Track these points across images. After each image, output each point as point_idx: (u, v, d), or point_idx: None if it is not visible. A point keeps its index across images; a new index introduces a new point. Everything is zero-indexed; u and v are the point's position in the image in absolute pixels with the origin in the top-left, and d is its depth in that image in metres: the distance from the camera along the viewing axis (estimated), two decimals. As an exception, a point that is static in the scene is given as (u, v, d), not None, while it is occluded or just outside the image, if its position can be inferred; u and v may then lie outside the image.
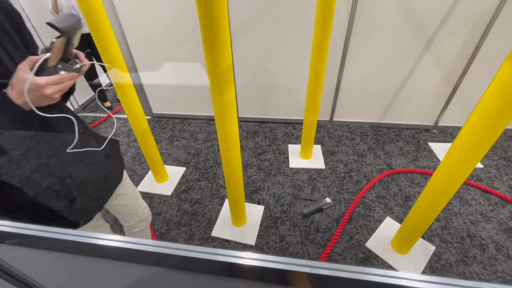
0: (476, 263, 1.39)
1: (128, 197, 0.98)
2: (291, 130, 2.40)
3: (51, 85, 0.53)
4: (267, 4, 1.84)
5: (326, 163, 2.03)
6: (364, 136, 2.28)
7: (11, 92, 0.52)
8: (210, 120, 2.59)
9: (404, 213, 1.64)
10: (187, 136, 2.39)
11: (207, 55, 0.89)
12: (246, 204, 1.63)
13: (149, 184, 1.92)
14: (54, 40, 0.53)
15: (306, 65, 1.71)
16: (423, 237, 1.50)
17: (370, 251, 1.47)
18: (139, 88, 2.47)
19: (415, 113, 2.27)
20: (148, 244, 0.31)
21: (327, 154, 2.11)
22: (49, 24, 0.51)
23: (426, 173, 1.90)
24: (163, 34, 2.09)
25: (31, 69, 0.52)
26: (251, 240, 1.54)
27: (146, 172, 2.01)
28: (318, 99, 1.69)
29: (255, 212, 1.69)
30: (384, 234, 1.53)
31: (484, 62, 1.90)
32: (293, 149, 2.17)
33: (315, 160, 2.06)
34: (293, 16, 1.86)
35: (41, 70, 0.54)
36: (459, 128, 2.24)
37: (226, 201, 1.76)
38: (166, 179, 1.94)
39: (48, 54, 0.54)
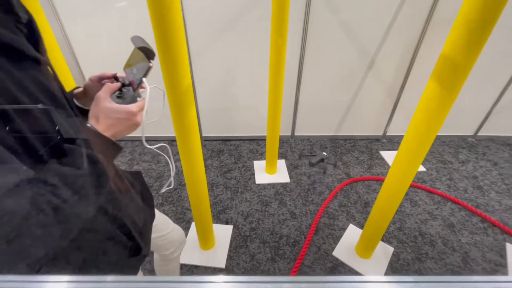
0: (429, 259, 1.52)
1: (161, 226, 0.91)
2: (255, 146, 2.44)
3: (141, 112, 0.49)
4: (225, 27, 1.92)
5: (290, 177, 2.09)
6: (324, 149, 2.42)
7: (99, 126, 0.45)
8: (172, 140, 2.52)
9: (365, 219, 1.75)
10: (148, 159, 2.28)
11: (165, 77, 0.89)
12: (214, 225, 1.58)
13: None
14: (150, 64, 0.50)
15: (266, 83, 1.79)
16: (382, 240, 1.61)
17: (337, 259, 1.52)
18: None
19: (366, 125, 2.50)
20: (105, 281, 0.29)
21: (291, 168, 2.18)
22: (142, 48, 0.47)
23: (380, 179, 2.07)
24: (117, 56, 2.02)
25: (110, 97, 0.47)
26: (221, 263, 1.49)
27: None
28: (279, 115, 1.77)
29: (223, 233, 1.65)
30: (348, 241, 1.61)
31: (417, 78, 2.19)
32: (259, 165, 2.20)
33: (280, 174, 2.11)
34: (250, 38, 1.96)
35: (118, 97, 0.50)
36: (403, 136, 2.50)
37: (193, 224, 1.70)
38: (126, 207, 1.81)
39: (126, 81, 0.51)
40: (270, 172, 2.11)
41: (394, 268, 1.49)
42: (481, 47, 0.80)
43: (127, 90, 0.52)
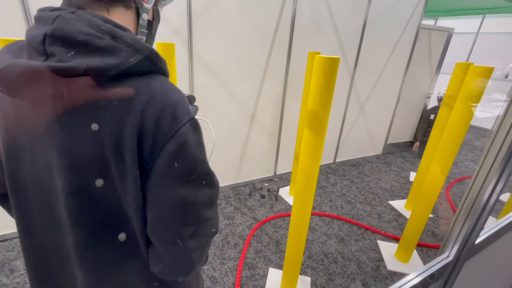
0: (336, 276, 1.75)
1: None
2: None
3: None
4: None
5: (202, 237, 1.97)
6: (228, 199, 2.47)
7: None
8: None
9: (281, 258, 1.85)
10: None
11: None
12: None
13: None
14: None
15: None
16: (300, 273, 1.73)
17: (267, 310, 1.49)
18: None
19: (260, 168, 2.78)
20: None
21: (200, 228, 2.06)
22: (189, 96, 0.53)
23: (283, 215, 2.28)
24: None
25: None
26: None
27: None
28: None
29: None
30: (273, 286, 1.63)
31: (288, 124, 2.71)
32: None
33: (190, 238, 1.95)
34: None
35: None
36: (290, 172, 2.94)
37: None
38: None
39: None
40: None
41: (315, 296, 1.60)
42: (330, 105, 1.12)
43: None
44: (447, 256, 0.56)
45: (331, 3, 2.45)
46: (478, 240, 0.62)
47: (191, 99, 0.60)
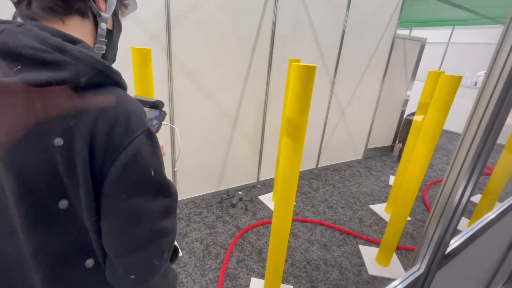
0: (319, 283, 1.74)
1: None
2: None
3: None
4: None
5: (182, 248, 1.90)
6: (210, 207, 2.41)
7: None
8: None
9: (263, 267, 1.81)
10: None
11: None
12: None
13: None
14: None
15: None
16: (282, 281, 1.70)
17: (249, 323, 1.45)
18: None
19: (243, 175, 2.74)
20: None
21: (180, 238, 2.00)
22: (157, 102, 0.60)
23: (265, 222, 2.26)
24: None
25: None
26: None
27: None
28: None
29: None
30: (254, 297, 1.59)
31: (271, 130, 2.70)
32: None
33: (169, 249, 1.87)
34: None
35: None
36: (273, 178, 2.93)
37: None
38: None
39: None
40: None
41: (298, 305, 1.58)
42: (307, 112, 1.12)
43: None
44: (419, 268, 0.56)
45: (310, 11, 2.50)
46: (448, 250, 0.62)
47: (159, 104, 0.60)
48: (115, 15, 0.50)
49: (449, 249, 0.61)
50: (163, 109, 0.61)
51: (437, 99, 1.50)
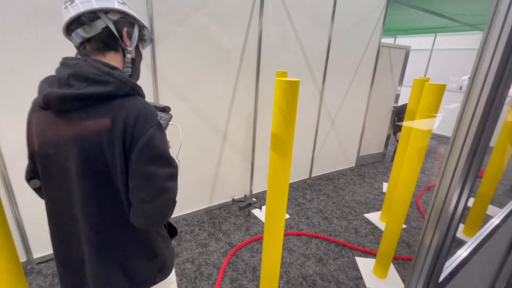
0: (316, 300, 1.67)
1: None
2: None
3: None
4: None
5: (172, 270, 1.81)
6: (202, 224, 2.34)
7: None
8: None
9: (257, 286, 1.74)
10: None
11: None
12: None
13: None
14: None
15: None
16: (277, 301, 1.63)
17: None
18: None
19: (235, 189, 2.69)
20: None
21: (170, 259, 1.91)
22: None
23: (259, 238, 2.19)
24: None
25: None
26: None
27: None
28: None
29: None
30: (249, 320, 1.51)
31: (261, 141, 2.68)
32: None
33: (159, 272, 1.78)
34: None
35: None
36: (265, 191, 2.88)
37: None
38: None
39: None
40: (145, 275, 1.74)
41: (295, 326, 1.51)
42: (293, 127, 1.09)
43: None
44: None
45: (295, 23, 2.53)
46: (441, 278, 0.59)
47: (167, 108, 0.82)
48: (136, 48, 0.74)
49: (441, 277, 0.57)
50: (170, 112, 0.82)
51: (424, 108, 1.50)
